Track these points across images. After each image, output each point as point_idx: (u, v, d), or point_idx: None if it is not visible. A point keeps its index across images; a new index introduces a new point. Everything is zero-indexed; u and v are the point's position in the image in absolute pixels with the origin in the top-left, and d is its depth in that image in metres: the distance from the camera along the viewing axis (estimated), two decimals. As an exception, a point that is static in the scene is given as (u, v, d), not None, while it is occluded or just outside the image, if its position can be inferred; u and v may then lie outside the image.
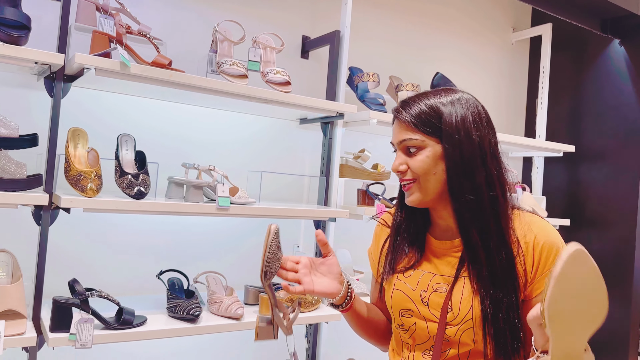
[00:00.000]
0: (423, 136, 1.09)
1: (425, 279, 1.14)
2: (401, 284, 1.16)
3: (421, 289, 1.14)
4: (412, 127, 1.10)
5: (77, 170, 1.60)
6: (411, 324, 1.15)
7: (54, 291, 1.74)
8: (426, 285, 1.13)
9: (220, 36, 1.92)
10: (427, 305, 1.12)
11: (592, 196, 3.04)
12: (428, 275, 1.15)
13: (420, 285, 1.14)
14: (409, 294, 1.14)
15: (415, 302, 1.14)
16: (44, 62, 1.54)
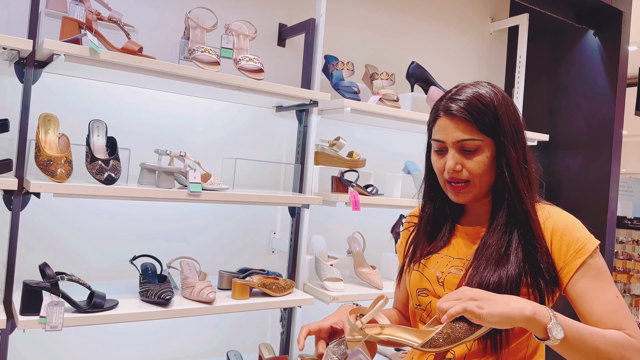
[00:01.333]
0: (482, 136, 1.07)
1: (443, 261, 1.18)
2: (420, 266, 1.20)
3: (438, 270, 1.17)
4: (471, 126, 1.07)
5: (47, 155, 1.61)
6: (427, 302, 1.18)
7: (25, 275, 1.76)
8: (443, 267, 1.16)
9: (192, 23, 1.93)
10: (442, 285, 1.15)
11: (566, 185, 3.10)
12: (447, 258, 1.18)
13: (438, 267, 1.17)
14: (427, 275, 1.18)
15: (431, 282, 1.17)
16: (13, 47, 1.54)
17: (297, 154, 2.29)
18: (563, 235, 1.07)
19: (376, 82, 2.44)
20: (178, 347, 2.25)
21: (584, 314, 1.04)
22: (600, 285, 1.04)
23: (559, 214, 1.12)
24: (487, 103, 1.08)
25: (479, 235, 1.15)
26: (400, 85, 2.74)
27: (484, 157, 1.08)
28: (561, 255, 1.07)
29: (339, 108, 2.22)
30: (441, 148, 1.12)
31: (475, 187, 1.11)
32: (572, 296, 1.06)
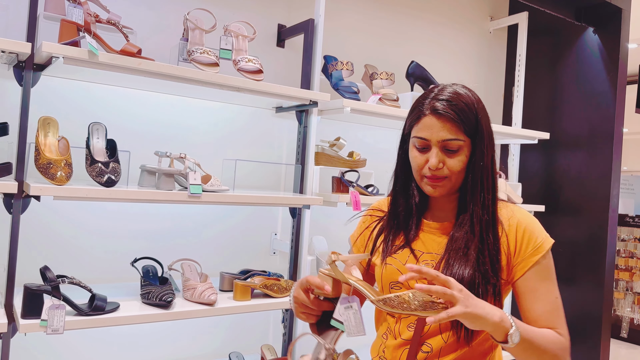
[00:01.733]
0: (465, 137, 1.13)
1: (413, 256, 1.22)
2: (392, 260, 1.23)
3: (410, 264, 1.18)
4: (456, 126, 1.12)
5: (47, 158, 1.61)
6: None
7: (26, 279, 1.76)
8: (415, 262, 1.20)
9: (191, 24, 1.93)
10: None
11: (567, 183, 3.09)
12: (417, 252, 1.22)
13: (409, 261, 1.21)
14: (400, 268, 1.20)
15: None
16: (12, 50, 1.54)
17: (297, 154, 2.29)
18: (525, 232, 1.16)
19: (376, 82, 2.44)
20: (180, 349, 2.25)
21: (525, 309, 1.15)
22: (545, 286, 1.15)
23: (522, 213, 1.21)
24: (469, 104, 1.14)
25: (446, 231, 1.21)
26: (400, 84, 2.74)
27: (463, 157, 1.14)
28: (521, 250, 1.16)
29: (338, 108, 2.22)
30: (424, 145, 1.16)
31: (451, 182, 1.16)
32: (520, 291, 1.16)
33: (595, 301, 2.94)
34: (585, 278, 2.99)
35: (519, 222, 1.18)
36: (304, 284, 1.09)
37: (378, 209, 1.36)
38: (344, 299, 1.04)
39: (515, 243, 1.16)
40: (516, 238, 1.16)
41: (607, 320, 2.94)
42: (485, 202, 1.15)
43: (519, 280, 1.16)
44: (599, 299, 2.92)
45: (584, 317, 2.98)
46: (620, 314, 5.48)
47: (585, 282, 2.98)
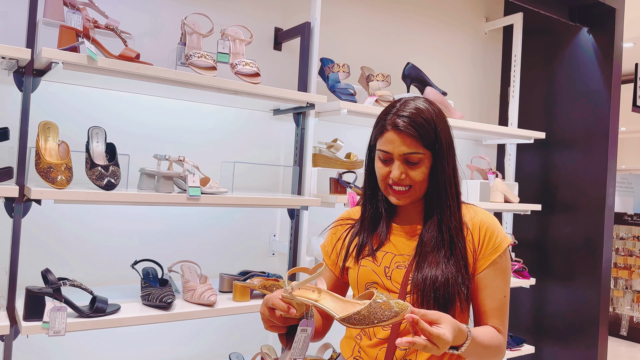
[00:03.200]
0: (424, 150, 1.21)
1: (387, 258, 1.29)
2: (366, 262, 1.31)
3: (384, 265, 1.28)
4: (415, 141, 1.20)
5: (47, 162, 1.63)
6: None
7: (28, 281, 1.78)
8: (389, 263, 1.29)
9: (188, 29, 1.95)
10: (389, 279, 1.26)
11: (563, 182, 3.12)
12: (390, 255, 1.30)
13: (383, 263, 1.29)
14: (374, 269, 1.29)
15: (379, 275, 1.28)
16: (12, 57, 1.57)
17: (295, 156, 2.31)
18: (487, 231, 1.26)
19: (372, 84, 2.46)
20: (180, 350, 2.27)
21: (476, 303, 1.26)
22: (497, 284, 1.25)
23: (484, 213, 1.31)
24: (428, 119, 1.22)
25: (415, 233, 1.30)
26: (396, 86, 2.76)
27: (424, 168, 1.23)
28: (482, 247, 1.25)
29: (335, 110, 2.24)
30: (387, 158, 1.24)
31: (415, 192, 1.25)
32: (475, 286, 1.26)
33: (592, 300, 2.96)
34: (582, 277, 3.01)
35: (481, 222, 1.27)
36: (269, 304, 1.14)
37: (348, 217, 1.44)
38: (304, 322, 1.11)
39: (478, 240, 1.26)
40: (479, 236, 1.26)
41: (605, 319, 2.96)
42: (451, 208, 1.25)
43: (477, 276, 1.25)
44: (596, 298, 2.94)
45: (581, 315, 3.00)
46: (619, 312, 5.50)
47: (583, 281, 3.00)
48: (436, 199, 1.25)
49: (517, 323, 3.31)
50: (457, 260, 1.22)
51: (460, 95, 3.25)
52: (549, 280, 3.16)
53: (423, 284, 1.20)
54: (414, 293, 1.22)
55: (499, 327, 1.24)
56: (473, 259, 1.25)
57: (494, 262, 1.24)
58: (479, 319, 1.28)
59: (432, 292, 1.19)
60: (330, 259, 1.41)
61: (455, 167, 1.28)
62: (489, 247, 1.25)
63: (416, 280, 1.21)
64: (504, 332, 1.25)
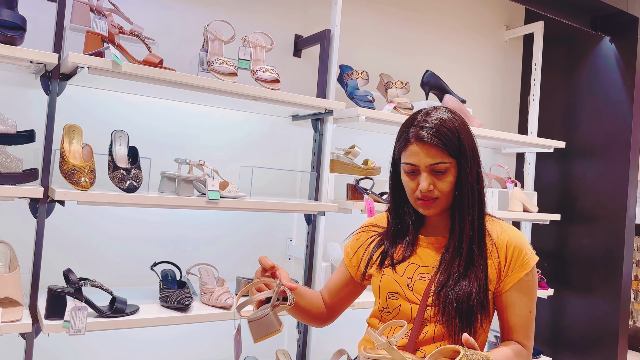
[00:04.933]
0: (450, 159, 1.22)
1: (410, 268, 1.31)
2: (389, 271, 1.32)
3: (407, 276, 1.29)
4: (441, 151, 1.21)
5: (71, 164, 1.67)
6: (396, 305, 1.29)
7: (50, 281, 1.81)
8: (412, 273, 1.29)
9: (211, 35, 1.98)
10: (412, 290, 1.27)
11: (583, 192, 3.08)
12: (413, 266, 1.30)
13: (406, 273, 1.30)
14: (397, 280, 1.30)
15: (402, 285, 1.28)
16: (39, 61, 1.61)
17: (312, 162, 2.33)
18: (515, 250, 1.25)
19: (391, 91, 2.47)
20: (197, 352, 2.29)
21: (503, 320, 1.27)
22: (524, 301, 1.25)
23: (511, 229, 1.30)
24: (451, 128, 1.22)
25: (441, 245, 1.30)
26: (415, 93, 2.76)
27: (451, 177, 1.23)
28: (509, 266, 1.24)
29: (353, 117, 2.25)
30: (413, 170, 1.24)
31: (442, 203, 1.25)
32: (502, 304, 1.26)
33: (611, 312, 2.91)
34: (601, 288, 2.97)
35: (509, 239, 1.26)
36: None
37: (374, 224, 1.45)
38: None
39: (505, 258, 1.25)
40: (506, 254, 1.25)
41: (625, 332, 2.91)
42: (472, 218, 1.24)
43: (503, 294, 1.25)
44: (616, 310, 2.89)
45: (600, 328, 2.95)
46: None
47: (602, 293, 2.96)
48: (458, 208, 1.24)
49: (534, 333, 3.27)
50: (477, 274, 1.22)
51: (480, 103, 3.24)
52: (568, 292, 3.12)
53: (445, 297, 1.20)
54: (435, 305, 1.22)
55: (523, 342, 1.25)
56: (498, 277, 1.25)
57: (522, 280, 1.24)
58: (504, 333, 1.28)
59: (454, 304, 1.19)
60: (351, 262, 1.43)
61: (480, 173, 1.28)
62: (517, 266, 1.24)
63: (438, 292, 1.22)
64: (528, 345, 1.25)
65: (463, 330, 1.19)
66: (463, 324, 1.19)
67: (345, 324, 2.27)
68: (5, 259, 1.68)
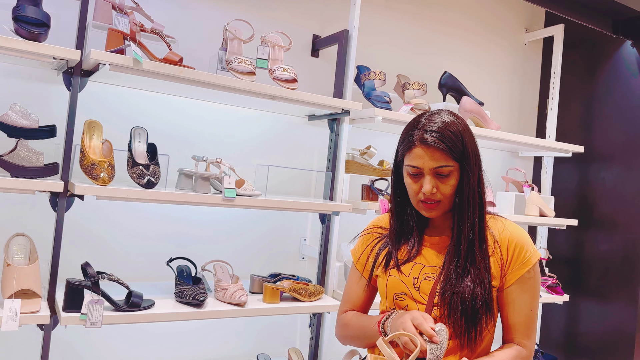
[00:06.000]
0: (453, 162, 1.23)
1: (416, 269, 1.31)
2: (395, 272, 1.33)
3: (413, 276, 1.30)
4: (445, 154, 1.21)
5: (91, 160, 1.70)
6: (403, 306, 1.29)
7: (68, 274, 1.84)
8: (417, 274, 1.30)
9: (230, 35, 2.00)
10: (418, 290, 1.28)
11: (601, 197, 3.04)
12: (419, 266, 1.31)
13: (412, 273, 1.31)
14: (403, 280, 1.31)
15: (408, 286, 1.29)
16: (62, 57, 1.64)
17: (328, 162, 2.33)
18: (516, 246, 1.27)
19: (408, 92, 2.47)
20: (210, 348, 2.31)
21: (504, 316, 1.28)
22: (524, 299, 1.26)
23: (513, 227, 1.31)
24: (455, 132, 1.23)
25: (444, 245, 1.31)
26: (432, 95, 2.75)
27: (454, 180, 1.24)
28: (511, 262, 1.26)
29: (370, 117, 2.25)
30: (416, 173, 1.25)
31: (444, 205, 1.26)
32: (503, 301, 1.27)
33: (628, 320, 2.87)
34: (618, 295, 2.93)
35: (510, 236, 1.28)
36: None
37: (378, 226, 1.46)
38: None
39: (507, 255, 1.26)
40: (508, 250, 1.26)
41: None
42: (473, 221, 1.25)
43: (505, 290, 1.27)
44: (633, 318, 2.85)
45: (616, 336, 2.91)
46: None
47: (619, 300, 2.92)
48: (459, 211, 1.26)
49: (548, 340, 3.24)
50: (480, 273, 1.23)
51: (498, 105, 3.22)
52: (583, 298, 3.09)
53: (450, 297, 1.21)
54: (441, 306, 1.23)
55: (523, 342, 1.26)
56: (501, 273, 1.26)
57: (523, 277, 1.25)
58: (505, 331, 1.29)
59: (459, 305, 1.20)
60: (360, 263, 1.44)
61: (481, 176, 1.29)
62: (518, 262, 1.26)
63: (443, 292, 1.23)
64: (529, 345, 1.26)
65: (469, 330, 1.20)
66: (469, 324, 1.20)
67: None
68: (25, 251, 1.71)
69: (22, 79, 1.92)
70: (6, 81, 1.89)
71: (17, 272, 1.60)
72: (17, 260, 1.69)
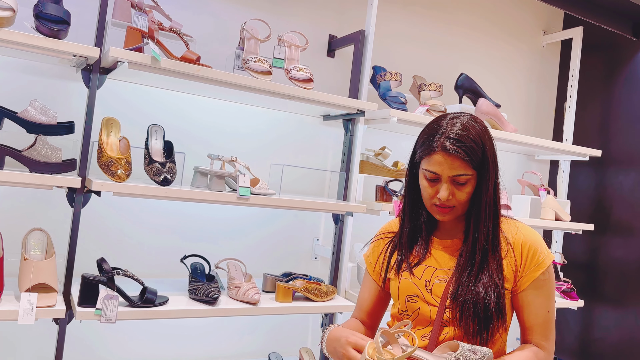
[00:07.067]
0: (472, 170, 1.23)
1: (428, 272, 1.31)
2: (407, 274, 1.33)
3: (425, 279, 1.31)
4: (465, 163, 1.21)
5: (109, 156, 1.71)
6: (415, 308, 1.30)
7: (84, 269, 1.86)
8: (430, 276, 1.30)
9: (247, 34, 2.01)
10: (430, 292, 1.28)
11: (618, 202, 3.00)
12: (431, 269, 1.31)
13: (424, 276, 1.31)
14: (416, 282, 1.31)
15: (420, 288, 1.30)
16: (81, 54, 1.66)
17: (342, 162, 2.33)
18: (530, 249, 1.26)
19: (424, 93, 2.46)
20: (222, 345, 2.32)
21: (521, 320, 1.28)
22: (541, 301, 1.25)
23: (526, 229, 1.31)
24: (476, 140, 1.23)
25: (456, 248, 1.31)
26: (448, 96, 2.74)
27: (470, 188, 1.24)
28: (525, 265, 1.26)
29: (385, 118, 2.25)
30: (434, 178, 1.25)
31: (458, 211, 1.27)
32: (519, 304, 1.27)
33: (644, 326, 2.83)
34: (634, 301, 2.89)
35: (524, 240, 1.27)
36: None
37: (389, 231, 1.46)
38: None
39: (520, 258, 1.26)
40: (521, 254, 1.26)
41: (657, 347, 2.83)
42: (487, 229, 1.25)
43: (520, 294, 1.26)
44: (649, 324, 2.81)
45: (632, 343, 2.87)
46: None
47: (635, 305, 2.88)
48: (475, 217, 1.26)
49: (562, 345, 3.21)
50: (493, 278, 1.22)
51: (514, 108, 3.19)
52: (599, 304, 3.05)
53: (462, 300, 1.21)
54: (453, 308, 1.23)
55: (541, 343, 1.25)
56: (515, 276, 1.26)
57: (537, 279, 1.25)
58: (523, 333, 1.28)
59: (471, 309, 1.20)
60: (375, 271, 1.44)
61: (497, 183, 1.29)
62: (532, 265, 1.25)
63: (455, 298, 1.23)
64: (547, 347, 1.25)
65: (481, 334, 1.20)
66: (481, 330, 1.20)
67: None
68: (42, 246, 1.74)
69: (42, 75, 1.94)
70: (26, 77, 1.92)
71: (34, 266, 1.62)
72: (34, 254, 1.71)
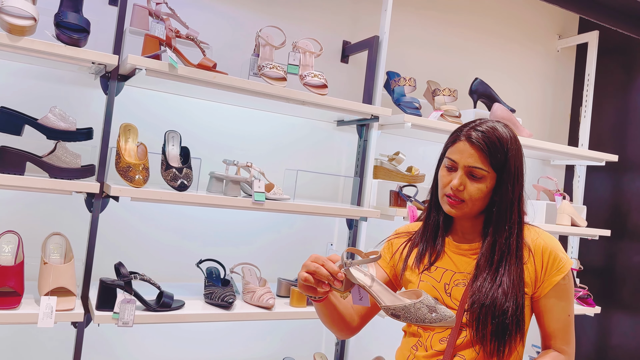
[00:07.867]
0: (490, 168, 1.23)
1: (447, 275, 1.31)
2: (427, 277, 1.33)
3: (444, 282, 1.31)
4: (484, 157, 1.22)
5: (127, 162, 1.74)
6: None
7: (102, 273, 1.89)
8: (449, 280, 1.31)
9: (262, 41, 2.03)
10: (449, 296, 1.28)
11: (635, 207, 2.97)
12: (449, 272, 1.31)
13: (443, 279, 1.31)
14: (435, 286, 1.31)
15: (440, 292, 1.30)
16: (100, 62, 1.69)
17: (356, 167, 2.34)
18: (550, 255, 1.26)
19: (438, 98, 2.46)
20: (237, 349, 2.33)
21: (541, 325, 1.27)
22: (561, 306, 1.25)
23: (545, 235, 1.31)
24: (502, 141, 1.24)
25: (475, 251, 1.31)
26: (462, 101, 2.73)
27: (484, 186, 1.23)
28: (545, 271, 1.26)
29: (399, 123, 2.25)
30: (452, 166, 1.27)
31: (467, 207, 1.26)
32: (540, 309, 1.27)
33: (663, 333, 2.79)
34: (652, 308, 2.85)
35: (544, 245, 1.27)
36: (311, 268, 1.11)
37: (406, 231, 1.46)
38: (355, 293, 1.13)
39: (541, 263, 1.26)
40: (542, 259, 1.26)
41: (676, 355, 2.78)
42: (508, 231, 1.25)
43: (541, 300, 1.26)
44: (668, 332, 2.77)
45: (650, 349, 2.83)
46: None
47: (653, 313, 2.84)
48: (495, 221, 1.26)
49: (579, 352, 3.17)
50: (514, 286, 1.22)
51: (529, 113, 3.18)
52: (615, 310, 3.01)
53: (480, 306, 1.21)
54: (471, 312, 1.23)
55: (563, 348, 1.26)
56: (535, 282, 1.26)
57: (558, 284, 1.25)
58: (544, 339, 1.29)
59: (489, 316, 1.19)
60: (389, 264, 1.43)
61: (522, 195, 1.29)
62: (553, 270, 1.26)
63: (473, 304, 1.23)
64: (568, 351, 1.26)
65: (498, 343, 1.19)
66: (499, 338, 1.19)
67: (383, 331, 2.26)
68: (61, 250, 1.76)
69: (61, 82, 1.98)
70: (46, 85, 1.95)
71: (54, 270, 1.64)
72: (54, 258, 1.74)
